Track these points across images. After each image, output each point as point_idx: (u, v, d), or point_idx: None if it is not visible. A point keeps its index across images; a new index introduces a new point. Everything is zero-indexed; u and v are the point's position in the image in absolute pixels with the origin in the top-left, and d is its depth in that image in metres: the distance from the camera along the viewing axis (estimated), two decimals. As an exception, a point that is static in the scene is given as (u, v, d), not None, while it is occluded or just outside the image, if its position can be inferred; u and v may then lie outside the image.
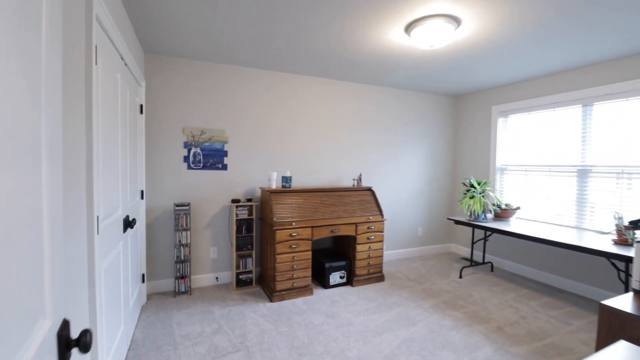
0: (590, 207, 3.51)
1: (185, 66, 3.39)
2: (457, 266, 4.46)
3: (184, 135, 3.42)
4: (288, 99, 3.88)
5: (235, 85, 3.61)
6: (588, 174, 3.54)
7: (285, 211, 3.29)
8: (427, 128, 4.88)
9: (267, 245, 3.38)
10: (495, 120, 4.50)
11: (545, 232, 3.30)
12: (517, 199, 4.26)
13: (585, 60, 3.31)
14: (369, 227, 3.68)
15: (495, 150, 4.50)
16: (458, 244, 5.11)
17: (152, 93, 3.27)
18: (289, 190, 3.47)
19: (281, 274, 3.19)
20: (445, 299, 3.38)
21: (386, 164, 4.58)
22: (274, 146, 3.83)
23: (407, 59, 3.30)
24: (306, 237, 3.30)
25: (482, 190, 3.92)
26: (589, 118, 3.54)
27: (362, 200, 3.83)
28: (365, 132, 4.39)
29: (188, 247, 3.29)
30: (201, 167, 3.49)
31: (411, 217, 4.83)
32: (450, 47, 2.94)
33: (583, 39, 2.76)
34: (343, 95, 4.21)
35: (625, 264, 2.71)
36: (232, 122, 3.62)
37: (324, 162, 4.14)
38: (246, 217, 3.45)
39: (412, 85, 4.38)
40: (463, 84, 4.31)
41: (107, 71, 1.81)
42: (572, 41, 2.82)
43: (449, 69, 3.63)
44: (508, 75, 3.87)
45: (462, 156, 5.05)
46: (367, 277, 3.72)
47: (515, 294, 3.54)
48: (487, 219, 3.90)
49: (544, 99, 3.91)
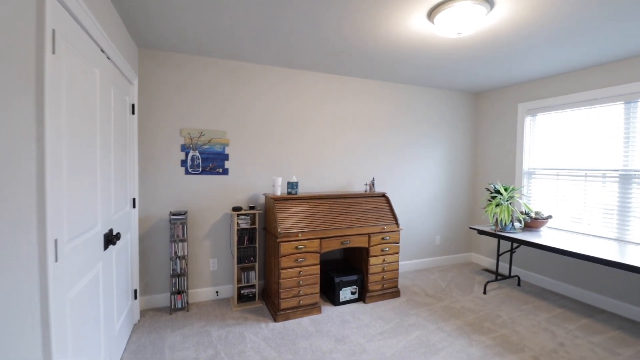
0: (634, 217, 3.10)
1: (183, 62, 3.11)
2: (479, 279, 4.08)
3: (182, 137, 3.14)
4: (295, 98, 3.57)
5: (237, 82, 3.32)
6: (632, 179, 3.12)
7: (291, 221, 2.98)
8: (445, 128, 4.50)
9: (271, 258, 3.07)
10: (522, 120, 4.10)
11: (583, 246, 2.91)
12: (547, 206, 3.85)
13: (628, 51, 2.90)
14: (383, 238, 3.34)
15: (522, 152, 4.10)
16: (479, 254, 4.72)
17: (146, 92, 3.00)
18: (295, 197, 3.16)
19: (286, 291, 2.88)
20: (469, 320, 3.01)
21: (401, 167, 4.23)
22: (279, 149, 3.53)
23: (428, 51, 2.95)
24: (314, 250, 2.98)
25: (509, 196, 3.54)
26: (633, 116, 3.13)
27: (376, 207, 3.49)
28: (378, 132, 4.05)
29: (185, 259, 3.01)
30: (200, 172, 3.21)
31: (428, 224, 4.46)
32: (479, 35, 2.59)
33: (626, 26, 2.37)
34: (354, 93, 3.88)
35: (689, 288, 2.31)
36: (234, 123, 3.32)
37: (334, 166, 3.82)
38: (248, 226, 3.15)
39: (429, 81, 4.02)
40: (486, 80, 3.93)
41: (78, 64, 1.53)
42: (614, 29, 2.44)
43: (474, 61, 3.27)
44: (538, 69, 3.48)
45: (483, 159, 4.66)
46: (381, 292, 3.37)
47: (549, 314, 3.15)
48: (515, 229, 3.51)
49: (579, 95, 3.50)
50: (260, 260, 3.49)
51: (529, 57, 3.07)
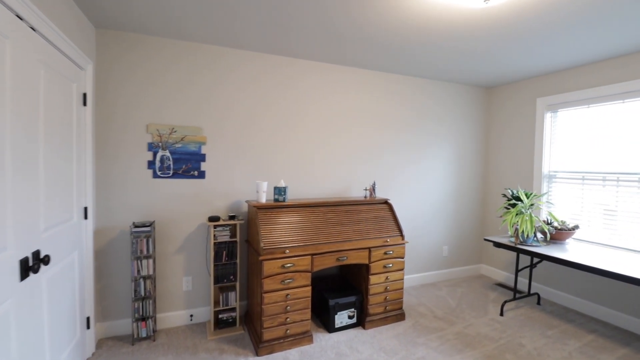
0: (681, 229, 2.64)
1: (153, 46, 2.63)
2: (493, 296, 3.61)
3: (149, 134, 2.66)
4: (285, 90, 3.10)
5: (217, 71, 2.84)
6: (677, 185, 2.67)
7: (277, 233, 2.50)
8: (453, 126, 4.04)
9: (254, 277, 2.59)
10: (542, 116, 3.64)
11: (615, 261, 2.44)
12: (571, 214, 3.39)
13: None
14: (385, 253, 2.86)
15: (542, 153, 3.64)
16: (490, 266, 4.25)
17: (106, 80, 2.52)
18: (283, 205, 2.68)
19: (270, 319, 2.40)
20: (488, 352, 2.54)
21: (405, 170, 3.76)
22: (265, 149, 3.05)
23: (445, 28, 2.49)
24: (304, 269, 2.50)
25: (531, 204, 3.07)
26: (679, 111, 2.67)
27: (377, 216, 3.02)
28: (380, 130, 3.58)
29: (151, 279, 2.52)
30: (171, 175, 2.73)
31: (434, 233, 3.99)
32: (507, 6, 2.12)
33: None
34: (353, 86, 3.40)
35: None
36: (212, 119, 2.84)
37: (329, 169, 3.34)
38: (228, 239, 2.67)
39: (438, 72, 3.55)
40: (503, 70, 3.47)
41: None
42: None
43: (496, 43, 2.80)
44: (561, 58, 3.02)
45: (496, 160, 4.20)
46: (384, 316, 2.90)
47: (579, 342, 2.69)
48: (537, 242, 3.05)
49: (609, 88, 3.05)
50: (242, 279, 3.00)
51: (554, 40, 2.60)
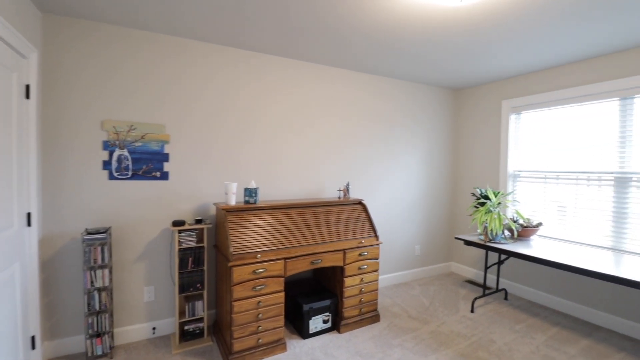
0: (633, 224, 2.81)
1: (110, 35, 2.40)
2: (464, 293, 3.68)
3: (105, 131, 2.42)
4: (254, 87, 2.96)
5: (181, 64, 2.65)
6: (629, 182, 2.85)
7: (248, 237, 2.36)
8: (425, 127, 4.09)
9: (224, 284, 2.43)
10: (507, 118, 3.77)
11: (575, 256, 2.56)
12: (535, 212, 3.53)
13: (624, 42, 2.61)
14: (360, 254, 2.81)
15: (507, 153, 3.77)
16: (459, 263, 4.35)
17: (55, 71, 2.26)
18: (254, 208, 2.55)
19: (241, 328, 2.26)
20: (462, 349, 2.55)
21: (378, 170, 3.74)
22: (234, 148, 2.90)
23: (420, 27, 2.47)
24: (277, 274, 2.38)
25: (498, 202, 3.16)
26: (630, 114, 2.85)
27: (352, 217, 2.96)
28: (353, 131, 3.54)
29: (107, 291, 2.29)
30: (130, 177, 2.51)
31: (407, 233, 4.02)
32: (479, 6, 2.14)
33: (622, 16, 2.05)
34: (325, 84, 3.33)
35: None
36: (176, 115, 2.65)
37: (302, 169, 3.24)
38: (194, 244, 2.50)
39: (409, 73, 3.57)
40: (470, 72, 3.55)
41: None
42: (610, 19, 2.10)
43: (467, 43, 2.84)
44: (526, 62, 3.14)
45: (465, 160, 4.30)
46: (359, 318, 2.84)
47: (545, 335, 2.78)
48: (505, 239, 3.13)
49: (569, 91, 3.20)
50: (211, 287, 2.83)
51: (519, 43, 2.68)
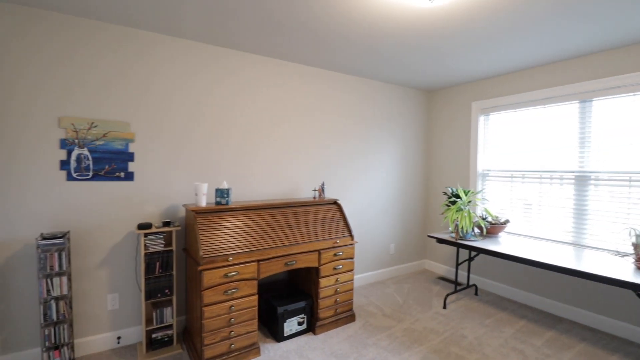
0: (592, 220, 2.98)
1: (68, 25, 2.24)
2: (437, 290, 3.76)
3: (62, 129, 2.26)
4: (227, 83, 2.87)
5: (148, 59, 2.52)
6: (588, 181, 3.01)
7: (219, 240, 2.28)
8: (399, 128, 4.14)
9: (194, 289, 2.34)
10: (476, 119, 3.89)
11: (539, 252, 2.68)
12: (502, 210, 3.67)
13: (582, 48, 2.75)
14: (335, 254, 2.80)
15: (476, 153, 3.89)
16: (433, 261, 4.45)
17: (1, 61, 2.08)
18: (226, 209, 2.47)
19: (212, 334, 2.18)
20: (434, 345, 2.60)
21: (353, 170, 3.75)
22: (205, 147, 2.80)
23: (389, 28, 2.49)
24: (250, 277, 2.32)
25: (468, 200, 3.25)
26: (588, 116, 3.02)
27: (327, 217, 2.94)
28: (329, 130, 3.52)
29: (66, 299, 2.14)
30: (91, 177, 2.35)
31: (383, 232, 4.05)
32: (448, 8, 2.18)
33: (579, 23, 2.16)
34: (301, 83, 3.29)
35: (665, 300, 2.13)
36: (143, 113, 2.52)
37: (276, 169, 3.19)
38: (162, 248, 2.38)
39: (383, 74, 3.60)
40: (440, 75, 3.63)
41: None
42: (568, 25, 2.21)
43: (438, 45, 2.89)
44: (494, 65, 3.25)
45: (437, 160, 4.40)
46: (334, 319, 2.83)
47: (513, 329, 2.89)
48: (475, 236, 3.23)
49: (533, 94, 3.35)
50: (181, 292, 2.71)
51: (488, 47, 2.77)
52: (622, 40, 2.59)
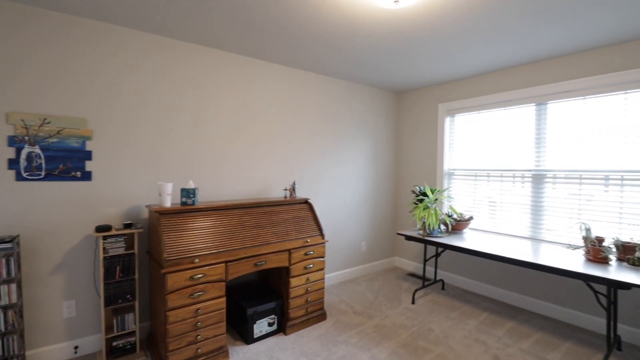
0: (548, 216, 3.17)
1: (15, 16, 2.07)
2: (406, 286, 3.86)
3: (10, 125, 2.10)
4: (194, 79, 2.78)
5: (110, 53, 2.40)
6: (544, 179, 3.20)
7: (185, 241, 2.21)
8: (370, 128, 4.21)
9: (158, 293, 2.25)
10: (442, 120, 4.03)
11: (500, 246, 2.82)
12: (467, 207, 3.82)
13: (538, 53, 2.93)
14: (306, 253, 2.79)
15: (443, 153, 4.02)
16: (402, 257, 4.56)
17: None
18: (192, 209, 2.39)
19: (177, 339, 2.10)
20: (403, 340, 2.66)
21: (324, 169, 3.77)
22: (170, 146, 2.70)
23: (356, 28, 2.51)
24: (217, 278, 2.26)
25: (435, 198, 3.35)
26: (544, 118, 3.21)
27: (298, 217, 2.93)
28: (299, 129, 3.51)
29: (15, 308, 1.99)
30: (43, 177, 2.20)
31: (353, 231, 4.10)
32: (414, 9, 2.23)
33: (536, 29, 2.31)
34: (271, 81, 3.26)
35: (609, 289, 2.31)
36: (102, 109, 2.39)
37: (246, 168, 3.13)
38: (123, 251, 2.27)
39: (354, 74, 3.64)
40: (408, 77, 3.73)
41: None
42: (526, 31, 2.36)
43: (404, 47, 2.96)
44: (458, 68, 3.38)
45: (406, 159, 4.51)
46: (305, 318, 2.82)
47: (477, 321, 3.02)
48: (441, 233, 3.34)
49: (494, 96, 3.52)
50: (144, 297, 2.60)
51: (452, 50, 2.88)
52: (573, 47, 2.78)
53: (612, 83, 2.74)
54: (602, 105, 2.82)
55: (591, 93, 2.86)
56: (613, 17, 2.20)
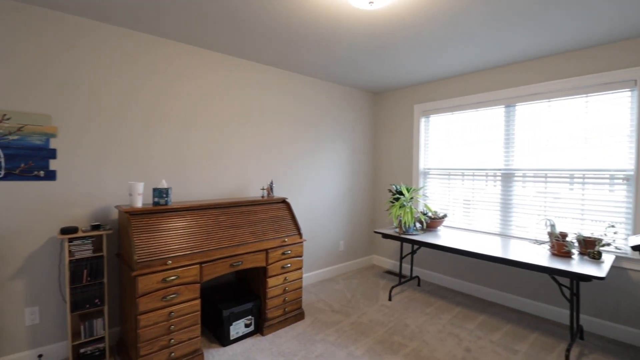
0: (516, 213, 3.31)
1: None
2: (383, 283, 3.92)
3: (-37, 121, 1.96)
4: (163, 73, 2.71)
5: (72, 45, 2.28)
6: (512, 178, 3.34)
7: (157, 243, 2.14)
8: (348, 128, 4.24)
9: (128, 297, 2.17)
10: (418, 121, 4.12)
11: (472, 243, 2.93)
12: (442, 205, 3.93)
13: (507, 57, 3.05)
14: (284, 253, 2.78)
15: (418, 153, 4.12)
16: (380, 256, 4.63)
17: None
18: (165, 209, 2.32)
19: (149, 344, 2.04)
20: (379, 336, 2.70)
21: (303, 169, 3.76)
22: (141, 143, 2.61)
23: (336, 28, 2.52)
24: (192, 280, 2.21)
25: (411, 197, 3.42)
26: (512, 119, 3.34)
27: (275, 216, 2.91)
28: (278, 128, 3.48)
29: (-31, 317, 1.86)
30: (2, 177, 2.07)
31: (332, 230, 4.12)
32: (389, 10, 2.27)
33: (504, 34, 2.41)
34: (246, 78, 3.22)
35: (572, 281, 2.43)
36: (67, 104, 2.28)
37: (222, 168, 3.08)
38: (90, 254, 2.17)
39: (332, 75, 3.66)
40: (385, 78, 3.78)
41: None
42: (496, 36, 2.46)
43: (381, 47, 3.00)
44: (432, 71, 3.46)
45: (383, 159, 4.58)
46: (283, 318, 2.81)
47: (450, 315, 3.11)
48: (417, 231, 3.42)
49: (467, 98, 3.63)
50: (114, 301, 2.50)
51: (426, 52, 2.95)
52: (539, 52, 2.91)
53: (574, 87, 2.89)
54: (566, 108, 2.98)
55: (555, 96, 3.01)
56: (573, 24, 2.33)
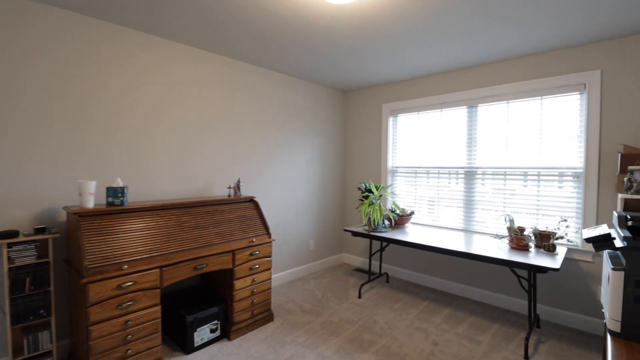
0: (478, 209, 3.45)
1: None
2: (353, 281, 3.93)
3: None
4: (122, 62, 2.51)
5: (20, 32, 2.05)
6: (474, 176, 3.47)
7: (111, 246, 1.98)
8: (317, 126, 4.21)
9: (79, 306, 1.98)
10: (386, 120, 4.17)
11: (436, 239, 3.01)
12: (409, 202, 4.01)
13: (470, 60, 3.17)
14: (252, 254, 2.69)
15: (387, 151, 4.17)
16: (349, 253, 4.64)
17: None
18: (120, 210, 2.15)
19: (102, 356, 1.87)
20: (349, 335, 2.69)
21: (271, 167, 3.67)
22: (94, 138, 2.40)
23: (306, 22, 2.47)
24: (151, 286, 2.06)
25: (379, 195, 3.46)
26: (474, 120, 3.48)
27: (242, 215, 2.81)
28: (244, 125, 3.37)
29: None
30: None
31: (302, 229, 4.07)
32: (356, 5, 2.25)
33: (468, 39, 2.51)
34: (216, 73, 3.08)
35: (530, 273, 2.56)
36: (4, 95, 2.04)
37: (186, 165, 2.92)
38: (34, 261, 1.96)
39: (300, 71, 3.60)
40: (355, 76, 3.79)
41: None
42: (459, 40, 2.55)
43: (351, 44, 2.99)
44: (399, 71, 3.52)
45: (352, 158, 4.60)
46: (251, 321, 2.72)
47: (417, 310, 3.17)
48: (385, 228, 3.45)
49: (432, 98, 3.73)
50: (63, 312, 2.28)
51: (393, 52, 2.98)
52: (499, 55, 3.04)
53: (530, 89, 3.06)
54: (523, 109, 3.14)
55: (514, 98, 3.17)
56: (529, 30, 2.45)
